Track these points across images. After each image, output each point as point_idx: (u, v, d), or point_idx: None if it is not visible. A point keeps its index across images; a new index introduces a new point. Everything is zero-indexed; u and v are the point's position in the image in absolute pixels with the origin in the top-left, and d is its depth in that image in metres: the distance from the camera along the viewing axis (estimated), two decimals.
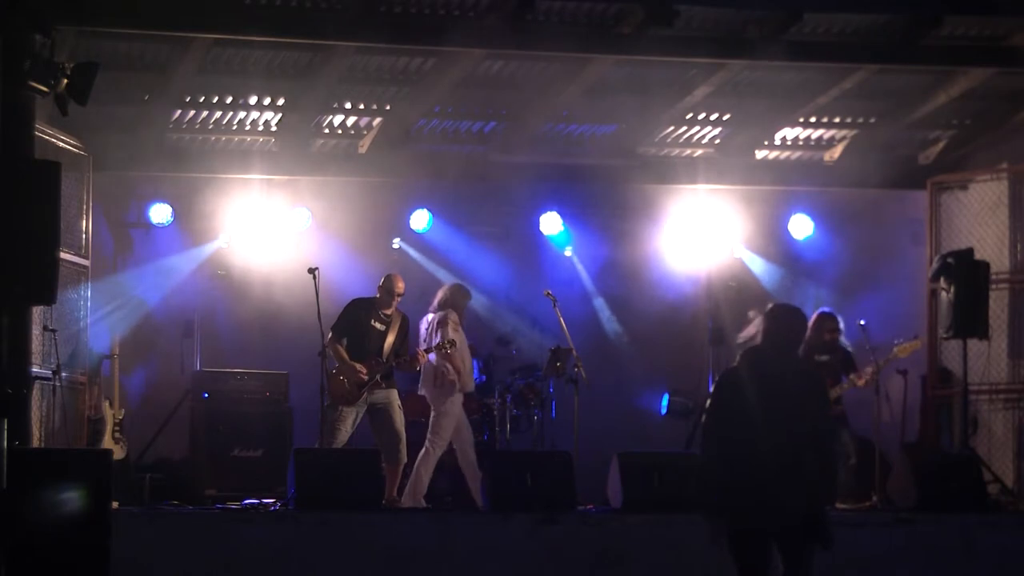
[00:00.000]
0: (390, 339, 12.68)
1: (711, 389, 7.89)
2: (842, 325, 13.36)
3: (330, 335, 12.49)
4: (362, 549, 10.63)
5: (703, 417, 7.99)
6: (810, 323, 13.15)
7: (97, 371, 13.54)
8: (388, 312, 12.76)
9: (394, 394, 12.64)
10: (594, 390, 13.16)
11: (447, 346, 12.69)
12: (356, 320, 12.68)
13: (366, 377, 12.47)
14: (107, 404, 13.25)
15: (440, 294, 13.16)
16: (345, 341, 12.62)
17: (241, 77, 13.39)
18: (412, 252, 15.52)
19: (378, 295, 12.82)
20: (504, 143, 14.93)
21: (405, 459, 12.50)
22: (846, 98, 14.16)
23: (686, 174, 15.38)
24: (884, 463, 13.31)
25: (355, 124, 14.55)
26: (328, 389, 12.38)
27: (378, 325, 12.70)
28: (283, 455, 13.06)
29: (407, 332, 12.86)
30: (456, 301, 13.10)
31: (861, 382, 13.01)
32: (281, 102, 14.00)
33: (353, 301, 12.88)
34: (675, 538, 10.93)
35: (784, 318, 8.01)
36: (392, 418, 12.52)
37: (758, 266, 15.92)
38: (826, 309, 13.61)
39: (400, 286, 12.79)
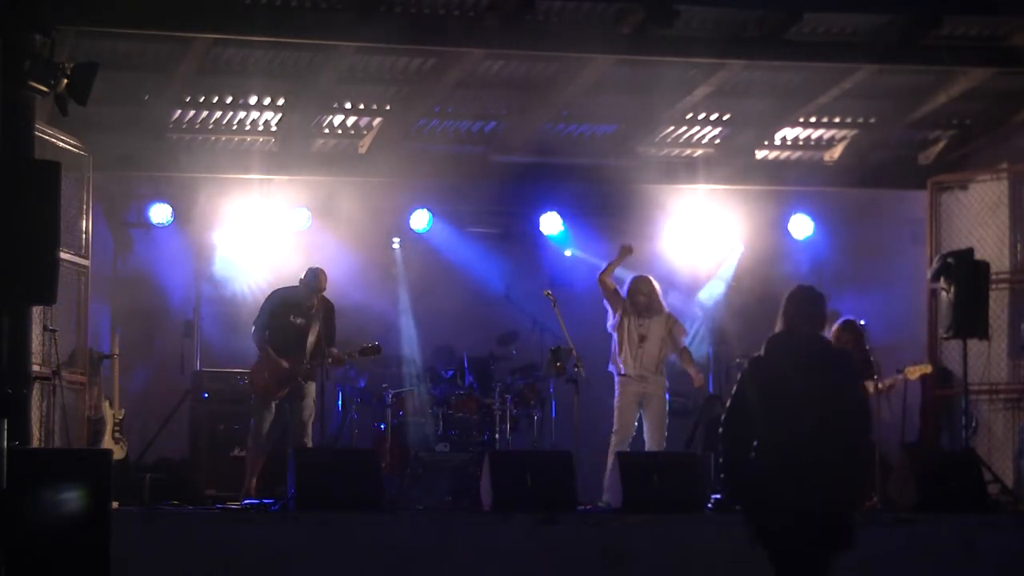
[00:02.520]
0: (311, 336, 12.70)
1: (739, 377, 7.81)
2: (856, 333, 13.34)
3: (253, 329, 12.66)
4: (362, 549, 10.64)
5: (724, 409, 7.86)
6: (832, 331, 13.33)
7: (97, 371, 13.53)
8: (308, 306, 12.75)
9: (311, 387, 12.70)
10: (594, 390, 13.16)
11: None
12: (273, 314, 12.76)
13: (286, 376, 12.62)
14: (107, 404, 13.24)
15: None
16: (268, 334, 12.72)
17: (241, 77, 13.39)
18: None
19: (298, 287, 12.83)
20: (504, 143, 14.93)
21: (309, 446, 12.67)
22: (846, 98, 14.16)
23: (686, 174, 15.38)
24: (884, 463, 13.30)
25: (355, 124, 14.55)
26: (250, 380, 12.61)
27: (297, 320, 12.72)
28: (283, 455, 13.07)
29: (332, 321, 12.86)
30: (629, 293, 13.20)
31: (872, 390, 13.06)
32: (281, 102, 14.00)
33: (272, 293, 12.97)
34: (675, 538, 10.94)
35: (795, 296, 7.90)
36: (300, 407, 12.64)
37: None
38: (846, 319, 13.56)
39: (323, 284, 12.77)
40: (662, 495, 11.48)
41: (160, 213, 14.96)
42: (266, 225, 15.04)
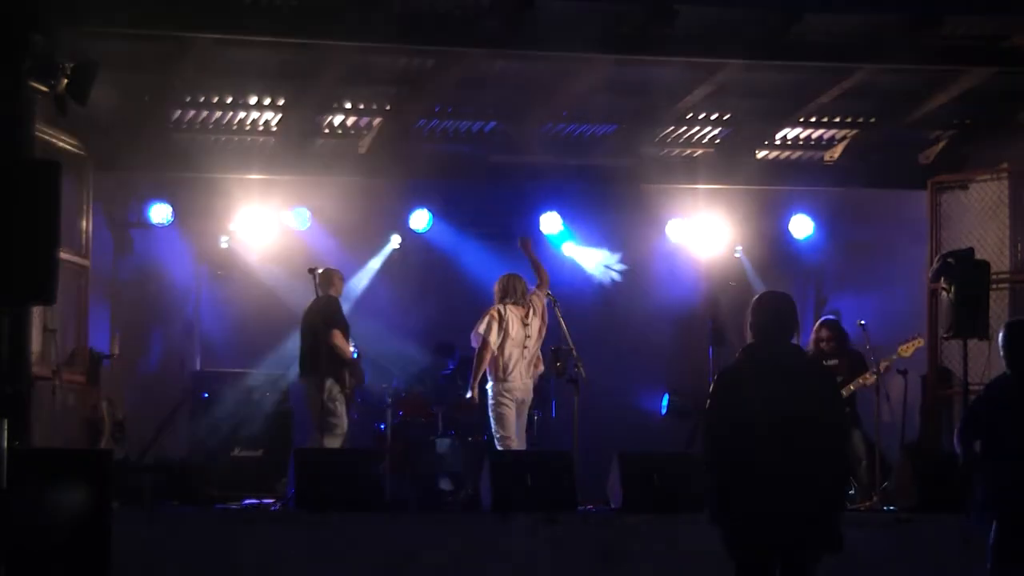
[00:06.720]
0: None
1: (711, 390, 7.68)
2: (836, 331, 13.37)
3: (338, 332, 12.73)
4: (362, 549, 10.64)
5: (704, 420, 7.67)
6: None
7: (97, 371, 13.54)
8: None
9: None
10: (594, 390, 13.16)
11: None
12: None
13: None
14: (107, 404, 13.25)
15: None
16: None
17: (241, 77, 13.39)
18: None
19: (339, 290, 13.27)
20: (504, 143, 14.93)
21: None
22: (846, 98, 14.16)
23: (686, 174, 15.38)
24: (884, 463, 13.30)
25: (355, 124, 14.55)
26: (341, 379, 12.71)
27: None
28: (283, 455, 13.08)
29: None
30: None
31: (869, 382, 13.03)
32: (281, 102, 14.00)
33: (337, 299, 13.12)
34: (675, 538, 10.94)
35: (766, 304, 7.57)
36: None
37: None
38: (825, 318, 13.64)
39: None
40: (662, 495, 11.49)
41: (160, 213, 14.97)
42: (266, 225, 15.04)
